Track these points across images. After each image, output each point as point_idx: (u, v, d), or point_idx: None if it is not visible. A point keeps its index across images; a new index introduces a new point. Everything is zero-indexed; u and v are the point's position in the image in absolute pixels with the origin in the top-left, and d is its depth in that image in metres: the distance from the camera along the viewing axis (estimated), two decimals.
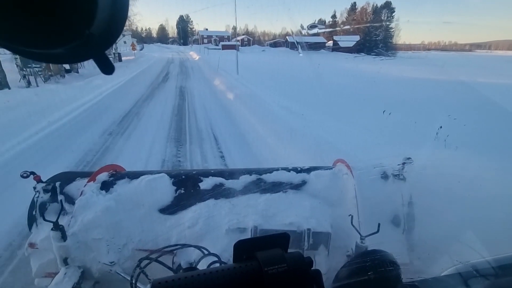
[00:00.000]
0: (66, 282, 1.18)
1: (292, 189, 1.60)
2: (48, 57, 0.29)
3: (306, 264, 0.40)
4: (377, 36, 44.42)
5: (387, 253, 0.82)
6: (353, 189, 1.49)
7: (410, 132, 4.04)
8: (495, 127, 4.76)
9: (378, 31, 44.64)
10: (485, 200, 1.46)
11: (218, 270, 0.38)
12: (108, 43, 0.31)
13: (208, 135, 5.40)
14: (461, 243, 0.96)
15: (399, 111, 5.70)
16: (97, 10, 0.24)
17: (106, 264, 1.26)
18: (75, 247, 1.24)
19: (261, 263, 0.38)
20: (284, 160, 3.69)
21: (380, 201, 1.53)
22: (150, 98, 8.98)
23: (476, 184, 1.61)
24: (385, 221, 1.48)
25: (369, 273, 0.75)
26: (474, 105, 6.34)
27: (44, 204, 1.40)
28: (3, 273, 2.08)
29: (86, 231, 1.26)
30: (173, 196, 1.48)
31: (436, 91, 9.09)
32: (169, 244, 1.33)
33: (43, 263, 1.32)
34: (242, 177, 1.61)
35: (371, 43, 43.59)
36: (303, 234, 1.37)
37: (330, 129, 4.56)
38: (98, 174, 1.51)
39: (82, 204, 1.32)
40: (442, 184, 1.60)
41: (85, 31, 0.25)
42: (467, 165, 2.05)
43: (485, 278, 0.68)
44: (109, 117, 6.27)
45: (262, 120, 5.44)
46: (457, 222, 1.32)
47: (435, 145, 3.42)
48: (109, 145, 4.72)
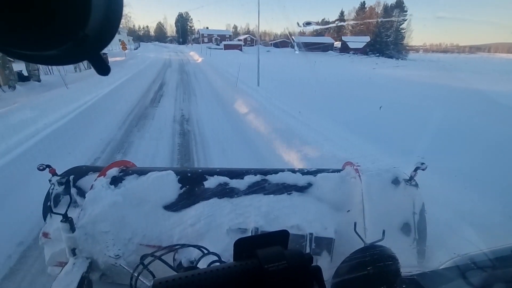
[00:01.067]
0: (75, 272, 1.23)
1: (297, 192, 1.57)
2: (42, 59, 0.30)
3: (306, 260, 0.40)
4: (388, 37, 42.02)
5: (386, 248, 0.82)
6: (360, 194, 1.44)
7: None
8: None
9: (390, 31, 42.34)
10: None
11: (219, 269, 0.38)
12: (103, 44, 0.31)
13: None
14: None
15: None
16: (91, 11, 0.24)
17: (111, 257, 1.31)
18: (83, 239, 1.30)
19: (261, 261, 0.38)
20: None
21: (389, 207, 1.46)
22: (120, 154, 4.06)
23: None
24: (394, 229, 1.41)
25: (368, 268, 0.76)
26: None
27: (58, 196, 1.48)
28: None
29: (93, 224, 1.32)
30: (178, 194, 1.51)
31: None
32: (171, 240, 1.36)
33: (55, 252, 1.40)
34: (247, 177, 1.61)
35: (381, 45, 41.65)
36: (306, 238, 1.34)
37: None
38: (109, 169, 1.57)
39: (91, 198, 1.39)
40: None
41: (79, 32, 0.25)
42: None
43: (482, 270, 0.68)
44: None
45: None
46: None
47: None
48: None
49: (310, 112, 5.84)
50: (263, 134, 4.73)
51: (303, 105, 6.26)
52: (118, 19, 0.30)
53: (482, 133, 5.14)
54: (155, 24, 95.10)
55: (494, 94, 9.23)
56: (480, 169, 3.18)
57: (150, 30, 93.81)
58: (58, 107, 5.09)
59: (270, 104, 6.29)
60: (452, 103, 7.78)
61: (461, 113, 6.40)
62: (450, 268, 0.72)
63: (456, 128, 5.20)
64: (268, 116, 5.36)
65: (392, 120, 5.83)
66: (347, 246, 1.30)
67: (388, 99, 7.97)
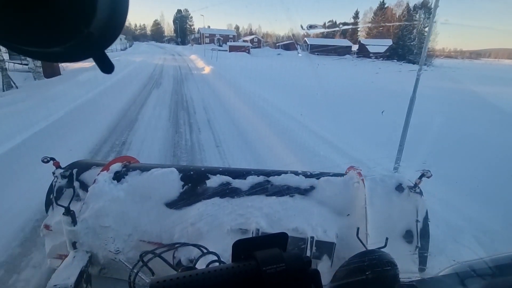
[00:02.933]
0: (75, 265, 1.24)
1: (299, 194, 1.56)
2: (46, 55, 0.29)
3: (304, 263, 0.40)
4: (412, 40, 37.22)
5: (385, 253, 0.82)
6: (363, 199, 1.43)
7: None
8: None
9: (413, 34, 37.56)
10: None
11: (217, 270, 0.38)
12: (108, 42, 0.31)
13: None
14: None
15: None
16: (96, 9, 0.24)
17: (111, 251, 1.31)
18: (84, 233, 1.30)
19: (260, 263, 0.38)
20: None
21: (392, 214, 1.45)
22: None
23: None
24: (396, 236, 1.39)
25: (367, 272, 0.75)
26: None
27: (61, 189, 1.49)
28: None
29: (95, 218, 1.32)
30: (180, 192, 1.51)
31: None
32: (171, 238, 1.36)
33: (55, 244, 1.41)
34: (249, 177, 1.60)
35: (404, 49, 37.24)
36: (307, 242, 1.33)
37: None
38: (112, 164, 1.58)
39: (94, 192, 1.39)
40: None
41: (84, 30, 0.25)
42: None
43: (482, 278, 0.67)
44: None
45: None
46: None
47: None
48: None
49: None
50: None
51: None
52: (124, 18, 0.30)
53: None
54: (152, 22, 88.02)
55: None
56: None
57: (148, 28, 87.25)
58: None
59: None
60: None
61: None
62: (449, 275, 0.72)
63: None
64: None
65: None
66: (348, 251, 1.29)
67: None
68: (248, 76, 10.49)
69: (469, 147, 4.93)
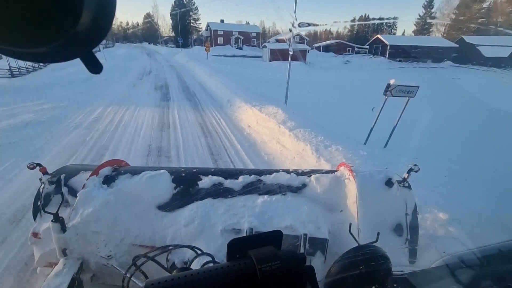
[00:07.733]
0: (66, 273, 1.21)
1: (291, 192, 1.57)
2: (32, 56, 0.29)
3: (299, 260, 0.40)
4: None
5: (378, 247, 0.84)
6: (354, 195, 1.45)
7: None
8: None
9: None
10: None
11: (212, 270, 0.38)
12: (95, 42, 0.30)
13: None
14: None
15: None
16: (83, 8, 0.24)
17: (103, 257, 1.29)
18: (74, 239, 1.27)
19: (255, 261, 0.38)
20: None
21: (382, 208, 1.48)
22: None
23: None
24: (386, 230, 1.42)
25: (360, 267, 0.77)
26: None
27: (48, 195, 1.45)
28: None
29: (85, 224, 1.29)
30: (172, 194, 1.49)
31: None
32: (164, 241, 1.34)
33: (45, 252, 1.37)
34: (242, 177, 1.60)
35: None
36: (300, 239, 1.34)
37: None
38: (102, 168, 1.55)
39: (83, 197, 1.36)
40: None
41: (70, 30, 0.25)
42: None
43: (471, 269, 0.70)
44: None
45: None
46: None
47: None
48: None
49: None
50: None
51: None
52: (111, 16, 0.29)
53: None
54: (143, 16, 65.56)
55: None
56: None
57: (140, 27, 65.17)
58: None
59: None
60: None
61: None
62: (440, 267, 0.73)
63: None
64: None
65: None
66: (341, 246, 1.31)
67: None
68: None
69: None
